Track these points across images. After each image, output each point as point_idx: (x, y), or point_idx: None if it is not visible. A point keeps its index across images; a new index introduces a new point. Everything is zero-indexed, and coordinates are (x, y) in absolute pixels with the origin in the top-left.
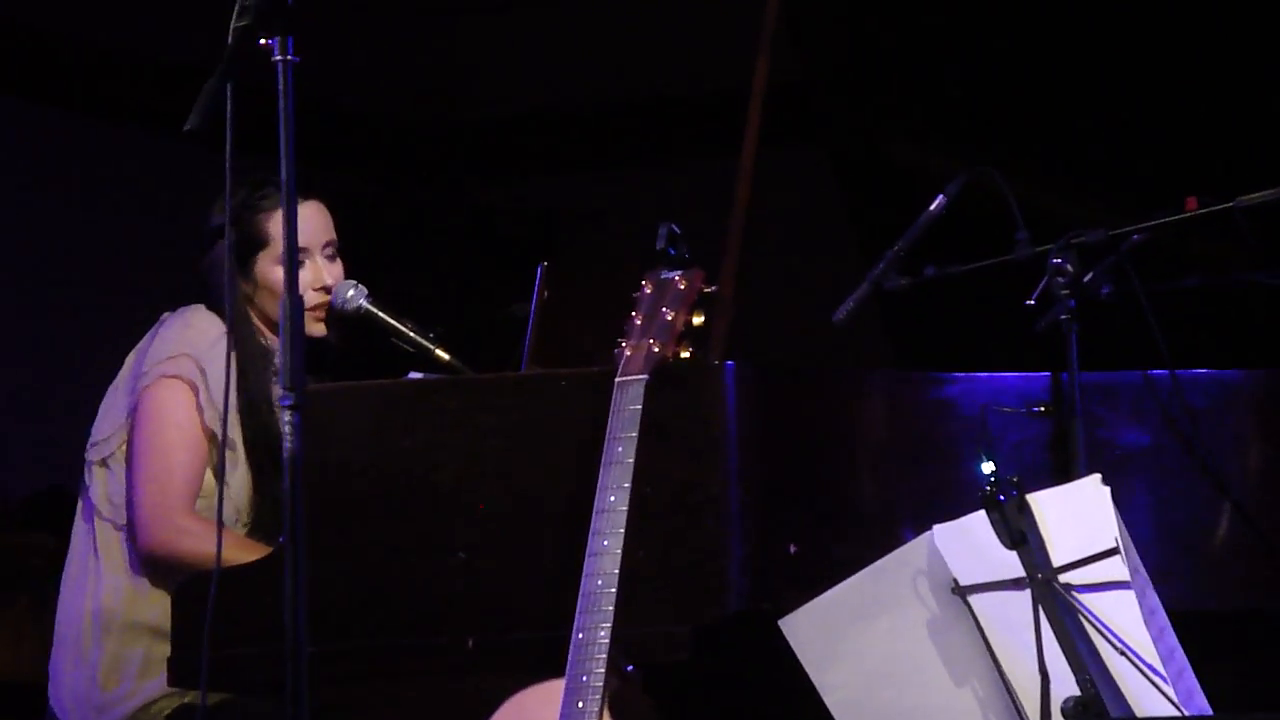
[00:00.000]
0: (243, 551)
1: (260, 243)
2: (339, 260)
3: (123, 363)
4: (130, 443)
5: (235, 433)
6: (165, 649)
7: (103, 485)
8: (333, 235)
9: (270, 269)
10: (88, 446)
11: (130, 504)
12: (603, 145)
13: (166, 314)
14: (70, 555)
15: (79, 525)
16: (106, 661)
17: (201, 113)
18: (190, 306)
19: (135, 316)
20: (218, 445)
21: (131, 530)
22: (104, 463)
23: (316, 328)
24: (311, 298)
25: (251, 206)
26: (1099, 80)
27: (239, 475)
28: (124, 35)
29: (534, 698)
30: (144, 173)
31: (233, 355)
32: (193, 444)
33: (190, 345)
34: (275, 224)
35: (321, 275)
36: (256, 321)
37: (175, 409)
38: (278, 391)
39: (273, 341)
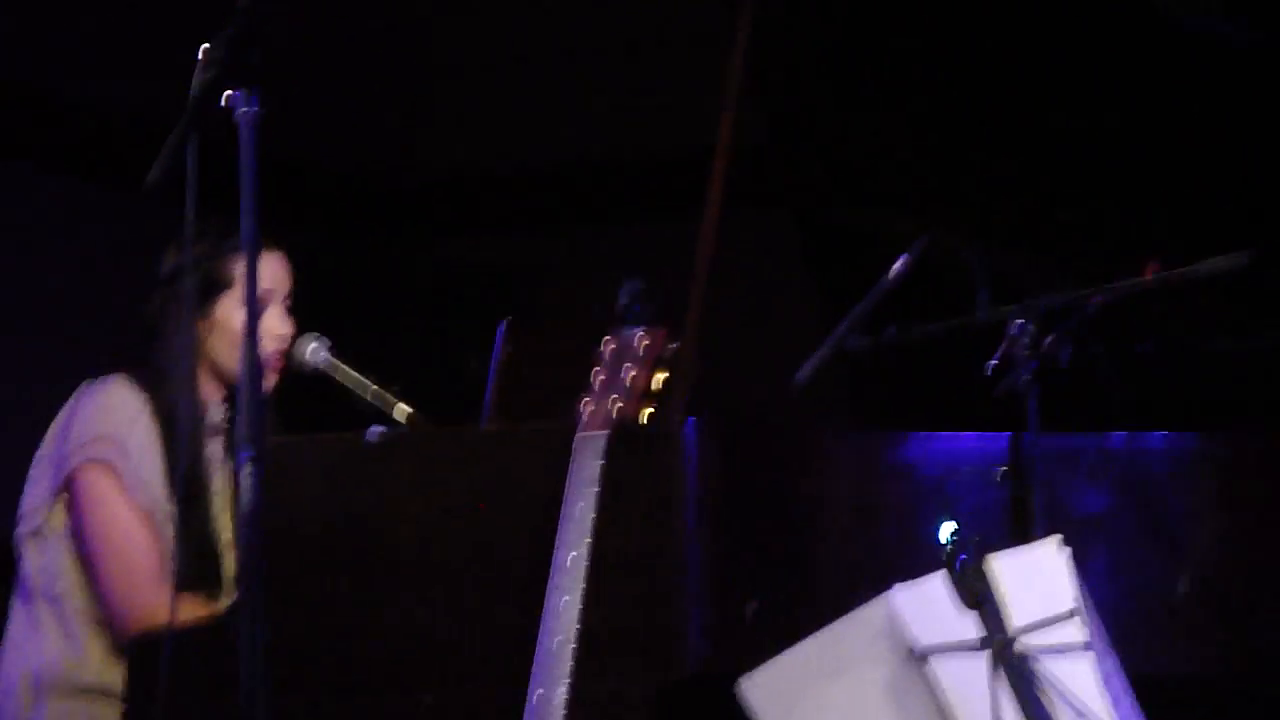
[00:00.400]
0: (202, 610)
1: (224, 284)
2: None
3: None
4: (80, 535)
5: (168, 499)
6: (104, 709)
7: (36, 558)
8: (290, 287)
9: (233, 311)
10: (17, 519)
11: (103, 597)
12: (566, 204)
13: (85, 384)
14: (8, 632)
15: (14, 602)
16: None
17: (163, 167)
18: (109, 379)
19: (75, 370)
20: (154, 519)
21: (109, 620)
22: (36, 534)
23: (269, 379)
24: (271, 344)
25: (218, 249)
26: (1060, 142)
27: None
28: (84, 88)
29: None
30: (90, 224)
31: (154, 418)
32: (140, 522)
33: (110, 424)
34: (242, 267)
35: (279, 325)
36: (203, 372)
37: (110, 496)
38: (213, 446)
39: (211, 392)
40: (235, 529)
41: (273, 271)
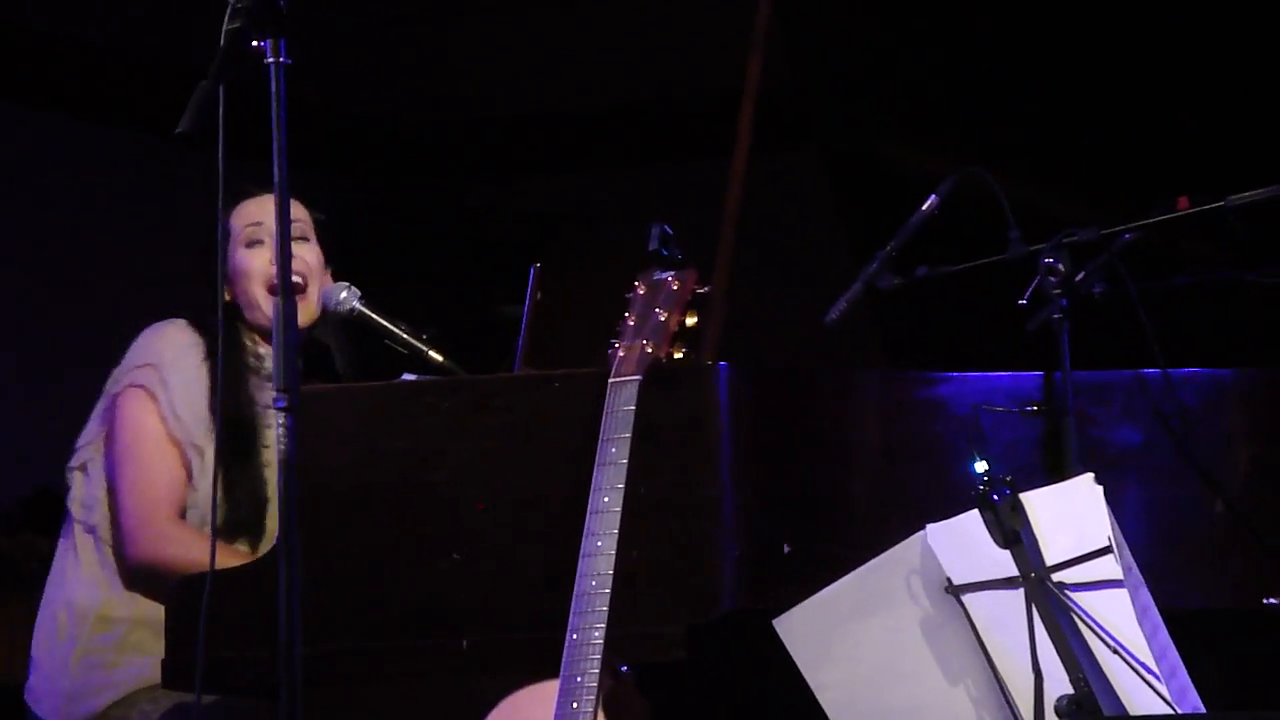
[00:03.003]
0: (226, 559)
1: (228, 238)
2: (313, 242)
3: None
4: (108, 454)
5: (204, 439)
6: (139, 636)
7: (79, 489)
8: (298, 217)
9: (236, 254)
10: (71, 453)
11: (116, 515)
12: (596, 146)
13: (148, 327)
14: (53, 564)
15: (62, 535)
16: (80, 649)
17: (194, 115)
18: (171, 320)
19: (126, 320)
20: (183, 453)
21: (118, 539)
22: (83, 468)
23: (301, 311)
24: (269, 276)
25: (228, 205)
26: (1091, 79)
27: (205, 480)
28: (116, 37)
29: (528, 698)
30: (138, 174)
31: (207, 361)
32: (167, 453)
33: (155, 354)
34: (236, 216)
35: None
36: (247, 323)
37: (145, 418)
38: (266, 395)
39: (259, 341)
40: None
41: (260, 205)
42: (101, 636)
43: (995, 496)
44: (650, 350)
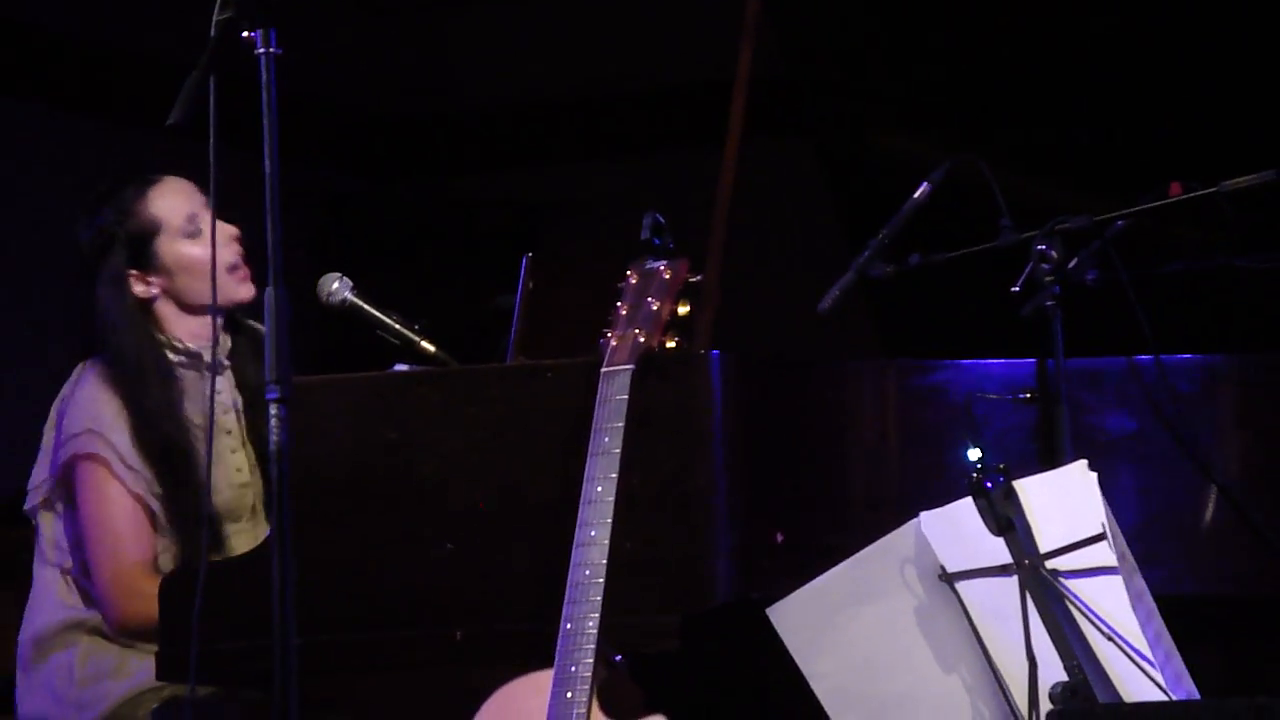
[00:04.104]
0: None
1: (152, 230)
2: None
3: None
4: (76, 521)
5: (153, 477)
6: (138, 645)
7: (49, 530)
8: (203, 195)
9: (175, 248)
10: (28, 490)
11: (94, 580)
12: (586, 136)
13: (79, 367)
14: (32, 591)
15: (36, 564)
16: (82, 656)
17: (184, 106)
18: (87, 373)
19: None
20: (145, 503)
21: (99, 602)
22: (48, 507)
23: (244, 289)
24: (228, 254)
25: (124, 207)
26: (1083, 65)
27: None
28: (105, 28)
29: (523, 689)
30: (129, 167)
31: (125, 402)
32: (130, 512)
33: (92, 418)
34: (156, 208)
35: (225, 226)
36: (165, 320)
37: (103, 485)
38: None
39: (195, 332)
40: (255, 464)
41: (186, 196)
42: (102, 650)
43: (989, 484)
44: (643, 339)
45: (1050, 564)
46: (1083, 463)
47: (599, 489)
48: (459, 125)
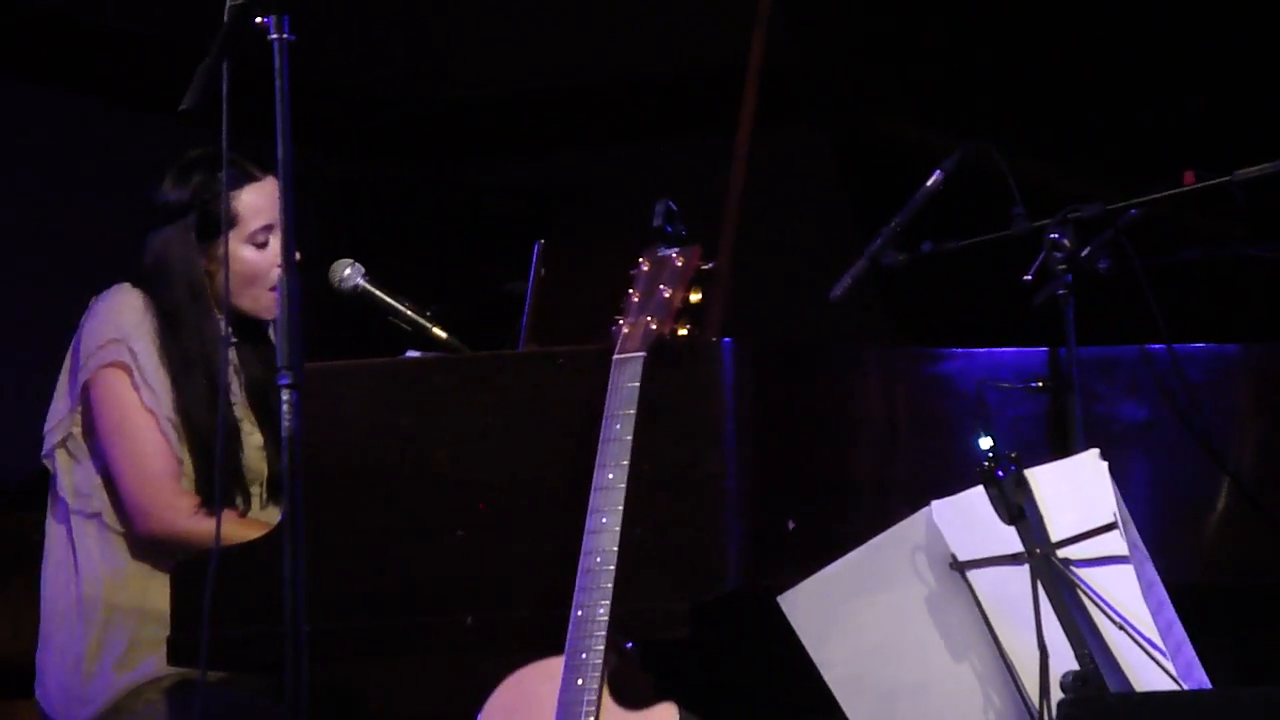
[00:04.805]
0: (242, 528)
1: (229, 222)
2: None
3: None
4: (97, 438)
5: (172, 411)
6: (149, 631)
7: (68, 476)
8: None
9: (238, 249)
10: (43, 437)
11: (121, 497)
12: (598, 122)
13: (93, 299)
14: (46, 550)
15: (51, 520)
16: (90, 649)
17: (197, 92)
18: (115, 287)
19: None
20: (159, 423)
21: (127, 518)
22: (64, 447)
23: (268, 309)
24: (277, 276)
25: (217, 189)
26: (1096, 53)
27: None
28: (120, 14)
29: (533, 675)
30: (145, 152)
31: (158, 334)
32: (153, 424)
33: (116, 328)
34: (242, 204)
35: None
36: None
37: (125, 393)
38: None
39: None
40: (268, 451)
41: (272, 205)
42: (113, 634)
43: (1000, 473)
44: (654, 327)
45: (1061, 553)
46: (1094, 452)
47: (610, 476)
48: (472, 111)
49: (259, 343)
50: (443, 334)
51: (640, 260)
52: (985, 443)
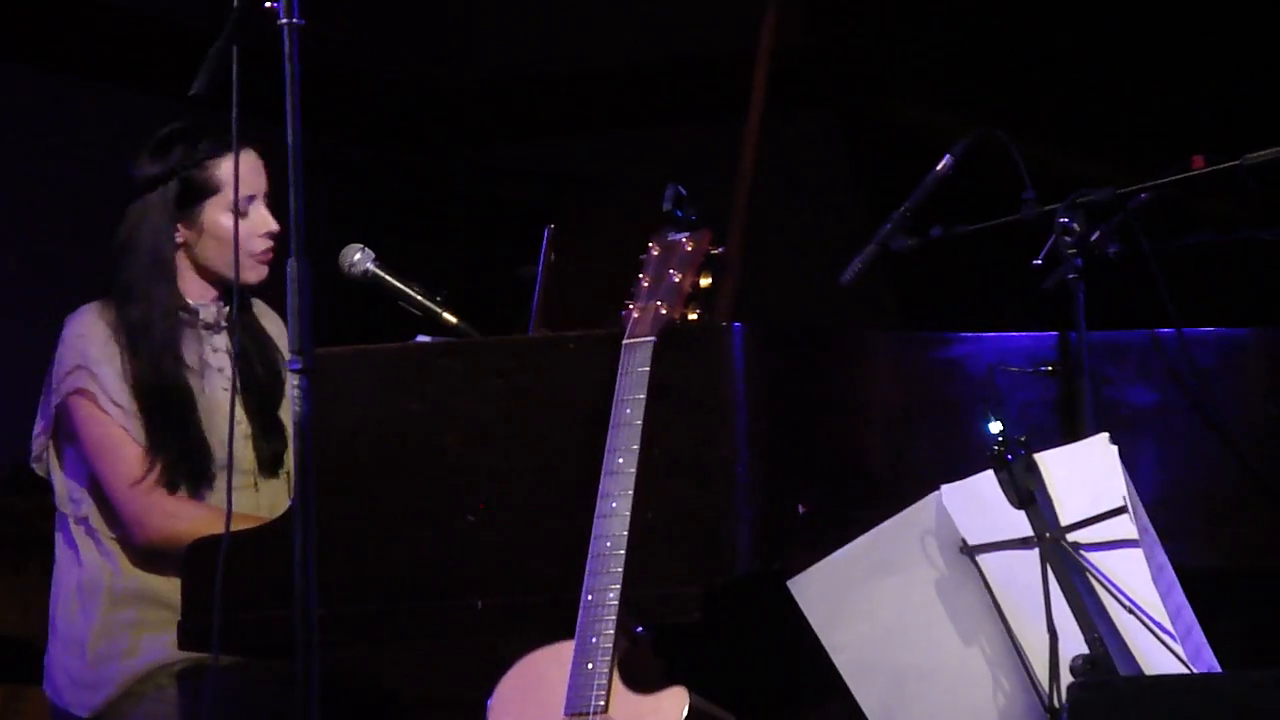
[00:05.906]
0: (218, 523)
1: (209, 190)
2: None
3: None
4: (82, 457)
5: (127, 399)
6: (154, 614)
7: (59, 484)
8: (267, 183)
9: (219, 217)
10: (31, 447)
11: (111, 506)
12: (609, 107)
13: (67, 318)
14: (56, 553)
15: (56, 525)
16: (94, 632)
17: (208, 76)
18: (82, 308)
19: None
20: (131, 434)
21: (122, 526)
22: (41, 461)
23: (260, 271)
24: (259, 243)
25: (195, 153)
26: (1106, 40)
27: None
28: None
29: (544, 659)
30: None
31: (122, 346)
32: (127, 438)
33: (80, 355)
34: (223, 171)
35: (269, 220)
36: (191, 275)
37: (94, 416)
38: (204, 347)
39: (201, 292)
40: (254, 422)
41: (254, 170)
42: (116, 617)
43: (1010, 457)
44: (665, 311)
45: (1071, 537)
46: (1104, 436)
47: (620, 460)
48: (482, 96)
49: (249, 327)
50: (453, 319)
51: (650, 245)
52: (995, 427)
